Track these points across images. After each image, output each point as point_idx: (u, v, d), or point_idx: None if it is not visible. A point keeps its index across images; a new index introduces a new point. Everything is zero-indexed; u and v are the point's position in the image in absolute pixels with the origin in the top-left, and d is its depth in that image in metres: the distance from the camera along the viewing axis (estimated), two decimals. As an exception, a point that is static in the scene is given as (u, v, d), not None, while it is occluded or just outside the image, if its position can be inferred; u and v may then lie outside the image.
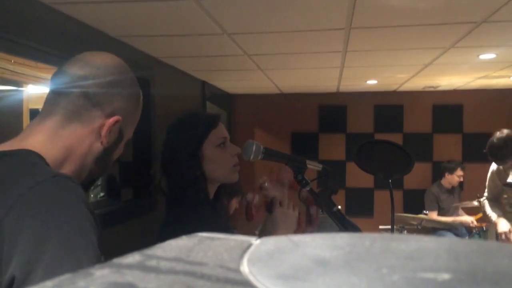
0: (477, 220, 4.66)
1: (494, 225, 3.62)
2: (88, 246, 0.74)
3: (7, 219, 0.72)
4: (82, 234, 0.74)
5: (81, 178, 0.92)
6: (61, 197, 0.77)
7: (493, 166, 3.57)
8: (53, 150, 0.87)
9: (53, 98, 0.90)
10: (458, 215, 4.97)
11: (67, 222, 0.74)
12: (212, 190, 1.48)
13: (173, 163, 1.42)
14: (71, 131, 0.88)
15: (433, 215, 4.86)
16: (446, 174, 4.98)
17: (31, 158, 0.83)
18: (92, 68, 0.90)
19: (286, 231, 1.41)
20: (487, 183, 3.72)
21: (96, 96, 0.89)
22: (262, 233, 1.44)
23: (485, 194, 3.77)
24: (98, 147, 0.92)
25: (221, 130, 1.50)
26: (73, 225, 0.75)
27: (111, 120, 0.91)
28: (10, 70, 3.02)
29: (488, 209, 3.68)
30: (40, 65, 2.78)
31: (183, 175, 1.40)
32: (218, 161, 1.44)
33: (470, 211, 4.91)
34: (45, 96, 0.94)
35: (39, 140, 0.87)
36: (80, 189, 0.80)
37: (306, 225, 1.52)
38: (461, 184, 5.12)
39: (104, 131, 0.91)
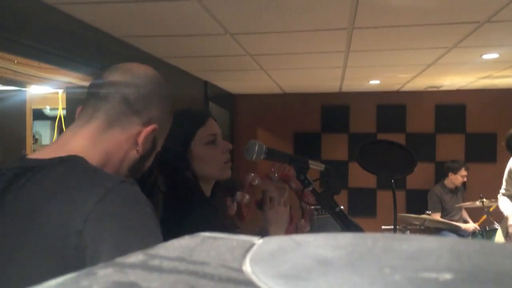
0: (482, 223, 4.65)
1: (506, 219, 3.64)
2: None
3: (87, 228, 0.73)
4: (155, 236, 0.77)
5: None
6: (133, 202, 0.80)
7: (511, 163, 3.63)
8: (95, 155, 0.88)
9: (94, 103, 0.91)
10: (461, 216, 4.96)
11: (142, 225, 0.77)
12: (207, 188, 1.47)
13: (163, 162, 1.41)
14: (111, 136, 0.90)
15: (436, 216, 4.85)
16: (450, 174, 4.96)
17: (86, 164, 0.84)
18: (134, 76, 0.92)
19: (278, 228, 1.40)
20: (504, 178, 3.75)
21: (136, 103, 0.91)
22: (260, 232, 1.44)
23: (502, 190, 3.80)
24: (134, 154, 0.93)
25: (210, 128, 1.47)
26: (148, 227, 0.78)
27: (149, 128, 0.92)
28: (13, 71, 3.03)
29: (502, 204, 3.70)
30: (43, 65, 2.79)
31: (173, 175, 1.40)
32: (208, 159, 1.43)
33: (473, 212, 4.90)
34: (46, 96, 0.95)
35: (82, 144, 0.88)
36: (141, 191, 0.83)
37: (298, 220, 1.51)
38: (464, 184, 5.10)
39: (141, 139, 0.92)
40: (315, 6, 2.20)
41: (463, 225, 4.76)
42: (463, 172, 4.89)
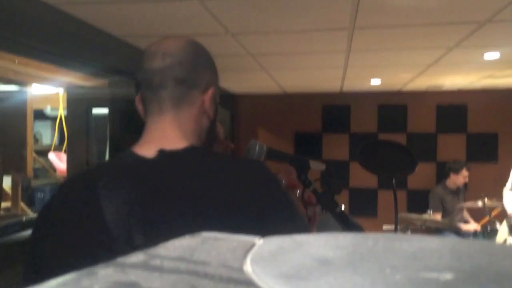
0: (483, 224, 4.64)
1: (510, 217, 3.65)
2: None
3: (270, 216, 0.81)
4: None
5: None
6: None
7: None
8: (186, 141, 0.92)
9: (154, 96, 0.94)
10: (462, 216, 4.95)
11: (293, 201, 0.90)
12: None
13: None
14: (186, 118, 0.94)
15: (438, 216, 4.84)
16: (451, 175, 4.95)
17: (209, 151, 0.95)
18: (173, 56, 0.93)
19: None
20: (511, 174, 3.77)
21: (188, 79, 0.93)
22: None
23: (508, 184, 3.81)
24: (206, 122, 0.98)
25: None
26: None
27: (209, 93, 0.96)
28: (14, 70, 3.04)
29: (506, 200, 3.71)
30: (44, 65, 2.79)
31: None
32: None
33: (474, 212, 4.90)
34: (47, 96, 0.96)
35: (173, 135, 0.92)
36: None
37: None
38: (465, 184, 5.10)
39: (207, 106, 0.96)
40: (316, 6, 2.20)
41: (464, 226, 4.76)
42: (464, 172, 4.88)
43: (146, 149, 0.89)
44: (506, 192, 3.84)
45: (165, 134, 0.92)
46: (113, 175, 0.86)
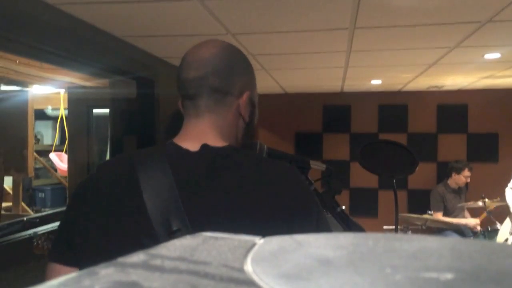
0: (483, 220, 4.64)
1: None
2: None
3: (299, 220, 0.86)
4: None
5: None
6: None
7: None
8: (224, 141, 0.96)
9: (191, 103, 0.97)
10: (463, 216, 4.95)
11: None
12: None
13: None
14: (222, 120, 0.97)
15: (439, 215, 4.85)
16: (453, 175, 4.95)
17: (248, 152, 0.99)
18: (207, 66, 0.95)
19: None
20: None
21: (223, 86, 0.96)
22: None
23: (510, 184, 3.81)
24: (242, 124, 1.02)
25: None
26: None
27: (244, 98, 1.00)
28: (15, 71, 3.04)
29: (510, 199, 3.72)
30: (45, 65, 2.80)
31: None
32: None
33: (475, 212, 4.90)
34: (48, 96, 0.96)
35: (211, 135, 0.95)
36: None
37: None
38: (466, 184, 5.09)
39: (242, 110, 1.00)
40: (317, 6, 2.20)
41: (463, 220, 4.76)
42: (466, 172, 4.87)
43: (189, 143, 0.93)
44: (508, 190, 3.85)
45: (205, 133, 0.96)
46: (155, 161, 0.89)
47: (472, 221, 4.70)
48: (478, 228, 4.62)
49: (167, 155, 0.91)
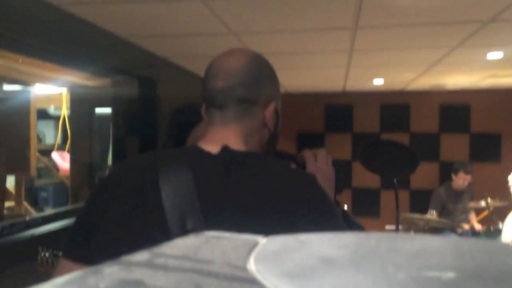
0: (481, 221, 4.64)
1: None
2: None
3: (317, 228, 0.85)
4: None
5: None
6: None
7: None
8: (247, 148, 0.97)
9: (217, 112, 0.98)
10: (467, 217, 4.93)
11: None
12: None
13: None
14: (247, 129, 0.99)
15: (436, 216, 4.84)
16: (452, 175, 4.93)
17: (269, 158, 1.00)
18: (234, 76, 0.97)
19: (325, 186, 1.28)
20: None
21: (249, 97, 0.98)
22: None
23: None
24: (266, 134, 1.04)
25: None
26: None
27: (270, 108, 1.02)
28: (18, 70, 3.04)
29: None
30: (47, 64, 2.80)
31: None
32: None
33: (478, 213, 4.89)
34: (50, 96, 0.97)
35: (235, 141, 0.96)
36: None
37: None
38: (470, 186, 5.05)
39: (268, 120, 1.01)
40: (319, 6, 2.20)
41: (464, 225, 4.76)
42: (462, 175, 4.81)
43: (212, 146, 0.94)
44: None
45: (229, 139, 0.97)
46: (177, 161, 0.90)
47: (467, 226, 4.73)
48: (478, 228, 4.61)
49: (189, 156, 0.92)
